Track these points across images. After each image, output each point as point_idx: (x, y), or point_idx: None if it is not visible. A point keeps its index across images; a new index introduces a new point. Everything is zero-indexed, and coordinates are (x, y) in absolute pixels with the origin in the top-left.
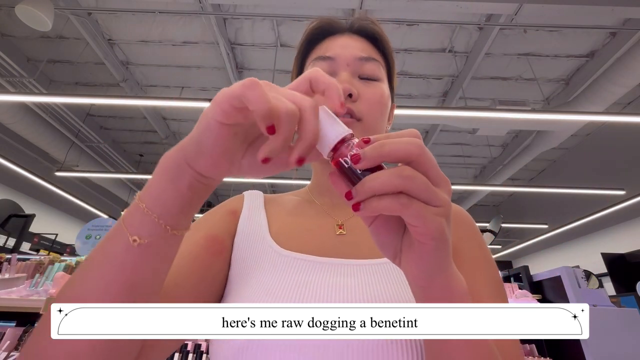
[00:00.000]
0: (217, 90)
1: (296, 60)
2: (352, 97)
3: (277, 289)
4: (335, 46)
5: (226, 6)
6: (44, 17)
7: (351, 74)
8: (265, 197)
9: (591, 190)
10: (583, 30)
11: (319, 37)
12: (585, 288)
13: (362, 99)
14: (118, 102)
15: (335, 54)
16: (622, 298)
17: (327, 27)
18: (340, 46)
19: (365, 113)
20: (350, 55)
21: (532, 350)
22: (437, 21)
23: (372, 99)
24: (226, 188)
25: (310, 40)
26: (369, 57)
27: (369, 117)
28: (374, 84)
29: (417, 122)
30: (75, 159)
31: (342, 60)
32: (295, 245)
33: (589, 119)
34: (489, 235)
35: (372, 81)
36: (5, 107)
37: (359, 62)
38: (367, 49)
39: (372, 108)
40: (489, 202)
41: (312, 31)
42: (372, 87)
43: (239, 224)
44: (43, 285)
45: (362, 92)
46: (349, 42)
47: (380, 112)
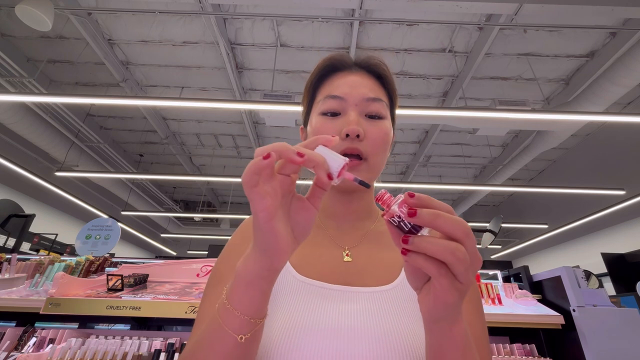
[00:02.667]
0: (217, 90)
1: (307, 92)
2: (359, 138)
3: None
4: (344, 85)
5: (226, 6)
6: (44, 17)
7: (359, 113)
8: None
9: (591, 190)
10: (583, 30)
11: (329, 72)
12: (585, 288)
13: (368, 138)
14: (118, 102)
15: (345, 94)
16: (622, 298)
17: (336, 64)
18: (350, 85)
19: (371, 152)
20: (359, 95)
21: (532, 350)
22: (437, 21)
23: (377, 137)
24: (226, 188)
25: (321, 76)
26: (375, 98)
27: (374, 157)
28: (379, 123)
29: (417, 122)
30: (75, 159)
31: (352, 100)
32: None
33: (589, 119)
34: (489, 235)
35: (378, 120)
36: (5, 107)
37: (366, 102)
38: (374, 88)
39: (376, 146)
40: (489, 202)
41: (323, 67)
42: (377, 125)
43: None
44: (43, 285)
45: (368, 131)
46: (358, 80)
47: (383, 149)
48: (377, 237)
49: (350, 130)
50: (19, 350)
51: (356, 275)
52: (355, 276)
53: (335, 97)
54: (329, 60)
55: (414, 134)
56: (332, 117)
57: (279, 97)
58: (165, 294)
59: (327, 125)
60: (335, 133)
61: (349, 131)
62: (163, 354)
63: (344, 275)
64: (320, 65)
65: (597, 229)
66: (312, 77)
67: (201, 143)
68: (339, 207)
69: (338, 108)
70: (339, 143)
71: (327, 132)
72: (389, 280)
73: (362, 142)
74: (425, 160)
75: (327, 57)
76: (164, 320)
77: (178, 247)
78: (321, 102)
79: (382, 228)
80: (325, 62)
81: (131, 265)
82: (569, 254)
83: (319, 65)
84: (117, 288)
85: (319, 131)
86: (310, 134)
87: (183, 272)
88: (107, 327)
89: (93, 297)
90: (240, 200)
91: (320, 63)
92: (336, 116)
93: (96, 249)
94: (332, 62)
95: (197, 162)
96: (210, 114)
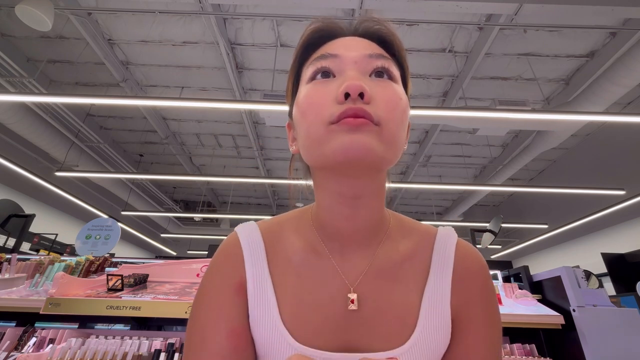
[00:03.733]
0: (217, 90)
1: (292, 67)
2: (364, 98)
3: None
4: (338, 47)
5: (226, 6)
6: (44, 17)
7: (361, 72)
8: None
9: (591, 190)
10: (583, 30)
11: (319, 41)
12: (585, 288)
13: (378, 100)
14: (118, 102)
15: (339, 52)
16: (622, 298)
17: (327, 30)
18: (345, 47)
19: (384, 117)
20: (358, 52)
21: (532, 350)
22: (437, 21)
23: (390, 100)
24: (226, 188)
25: (309, 45)
26: (378, 54)
27: (390, 123)
28: (390, 84)
29: (417, 122)
30: (75, 159)
31: (349, 58)
32: (308, 332)
33: (589, 119)
34: (489, 235)
35: (388, 80)
36: (5, 107)
37: (368, 59)
38: (376, 49)
39: (391, 111)
40: (489, 202)
41: (310, 34)
42: (388, 87)
43: (248, 304)
44: (43, 285)
45: (376, 92)
46: (354, 43)
47: (401, 118)
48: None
49: (348, 87)
50: (19, 350)
51: (363, 331)
52: (361, 333)
53: (327, 56)
54: (317, 26)
55: (414, 134)
56: (325, 80)
57: (279, 97)
58: (165, 294)
59: (318, 91)
60: (329, 98)
61: (348, 88)
62: (163, 354)
63: (348, 332)
64: (306, 33)
65: (597, 229)
66: (298, 48)
67: (201, 143)
68: (342, 223)
69: (332, 67)
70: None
71: (318, 99)
72: (402, 339)
73: (369, 105)
74: (425, 160)
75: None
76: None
77: (178, 247)
78: (310, 67)
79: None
80: (315, 28)
81: (131, 265)
82: (569, 254)
83: (303, 34)
84: (117, 288)
85: (307, 101)
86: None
87: (183, 272)
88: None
89: (93, 297)
90: (240, 200)
91: (305, 31)
92: (330, 78)
93: (96, 249)
94: (322, 27)
95: (197, 162)
96: (210, 114)
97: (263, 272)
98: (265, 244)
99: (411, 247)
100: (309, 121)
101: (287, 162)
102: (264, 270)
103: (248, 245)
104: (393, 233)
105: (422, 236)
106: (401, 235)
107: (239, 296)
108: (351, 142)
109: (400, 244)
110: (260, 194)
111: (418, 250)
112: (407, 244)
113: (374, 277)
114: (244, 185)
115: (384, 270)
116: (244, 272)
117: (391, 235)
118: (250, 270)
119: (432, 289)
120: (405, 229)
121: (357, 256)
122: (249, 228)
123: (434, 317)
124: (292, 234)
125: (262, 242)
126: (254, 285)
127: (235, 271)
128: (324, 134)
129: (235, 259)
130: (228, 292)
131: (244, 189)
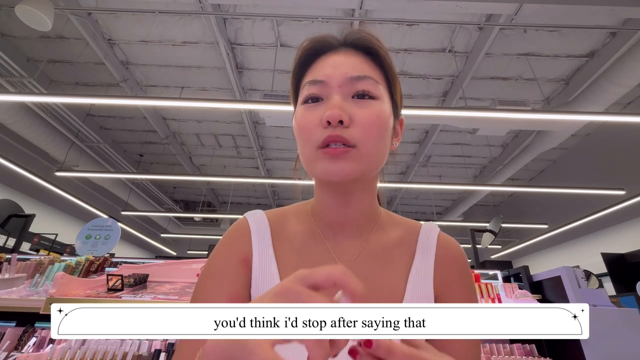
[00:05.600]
0: (217, 90)
1: (292, 83)
2: (343, 124)
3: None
4: (326, 66)
5: (226, 6)
6: (44, 17)
7: (344, 96)
8: (272, 227)
9: (591, 190)
10: (583, 30)
11: (312, 58)
12: (585, 288)
13: (356, 122)
14: (118, 102)
15: (326, 76)
16: (622, 298)
17: (318, 47)
18: (332, 66)
19: (360, 138)
20: (342, 76)
21: (532, 350)
22: (437, 21)
23: (367, 121)
24: (226, 188)
25: (303, 63)
26: (360, 76)
27: (367, 142)
28: (370, 104)
29: (417, 122)
30: (75, 159)
31: (334, 82)
32: None
33: (589, 119)
34: (489, 235)
35: (368, 100)
36: (5, 107)
37: (350, 82)
38: (360, 65)
39: (367, 131)
40: (489, 202)
41: (304, 52)
42: (367, 107)
43: (252, 275)
44: (43, 285)
45: (355, 114)
46: (341, 60)
47: (378, 135)
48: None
49: (329, 116)
50: (19, 350)
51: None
52: None
53: (315, 82)
54: (310, 43)
55: (414, 134)
56: (314, 105)
57: (279, 97)
58: (165, 294)
59: (308, 115)
60: (316, 122)
61: (328, 117)
62: (163, 354)
63: None
64: (300, 52)
65: (597, 229)
66: (294, 66)
67: (201, 143)
68: (334, 214)
69: (320, 93)
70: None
71: (308, 122)
72: None
73: (349, 129)
74: (425, 160)
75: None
76: None
77: (178, 247)
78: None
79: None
80: (307, 46)
81: (131, 265)
82: (569, 254)
83: (298, 52)
84: (117, 288)
85: (300, 124)
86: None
87: (183, 272)
88: None
89: (93, 297)
90: (240, 200)
91: (299, 49)
92: (319, 102)
93: (96, 249)
94: (314, 44)
95: (197, 162)
96: (210, 114)
97: (268, 250)
98: (270, 226)
99: (399, 236)
100: (302, 143)
101: (287, 162)
102: (269, 248)
103: (256, 226)
104: (384, 224)
105: (409, 228)
106: (391, 226)
107: (243, 268)
108: (332, 168)
109: (390, 233)
110: (260, 194)
111: (405, 239)
112: (396, 233)
113: (365, 260)
114: (244, 185)
115: (374, 254)
116: (250, 248)
117: (382, 226)
118: (257, 247)
119: (417, 271)
120: (394, 222)
121: (350, 242)
122: (257, 213)
123: (418, 293)
124: (295, 220)
125: (268, 225)
126: (260, 259)
127: (242, 246)
128: (313, 156)
129: (244, 236)
130: (234, 262)
131: (244, 189)
